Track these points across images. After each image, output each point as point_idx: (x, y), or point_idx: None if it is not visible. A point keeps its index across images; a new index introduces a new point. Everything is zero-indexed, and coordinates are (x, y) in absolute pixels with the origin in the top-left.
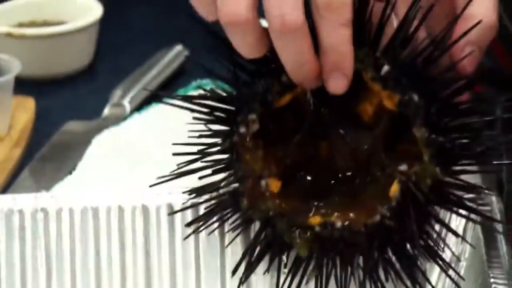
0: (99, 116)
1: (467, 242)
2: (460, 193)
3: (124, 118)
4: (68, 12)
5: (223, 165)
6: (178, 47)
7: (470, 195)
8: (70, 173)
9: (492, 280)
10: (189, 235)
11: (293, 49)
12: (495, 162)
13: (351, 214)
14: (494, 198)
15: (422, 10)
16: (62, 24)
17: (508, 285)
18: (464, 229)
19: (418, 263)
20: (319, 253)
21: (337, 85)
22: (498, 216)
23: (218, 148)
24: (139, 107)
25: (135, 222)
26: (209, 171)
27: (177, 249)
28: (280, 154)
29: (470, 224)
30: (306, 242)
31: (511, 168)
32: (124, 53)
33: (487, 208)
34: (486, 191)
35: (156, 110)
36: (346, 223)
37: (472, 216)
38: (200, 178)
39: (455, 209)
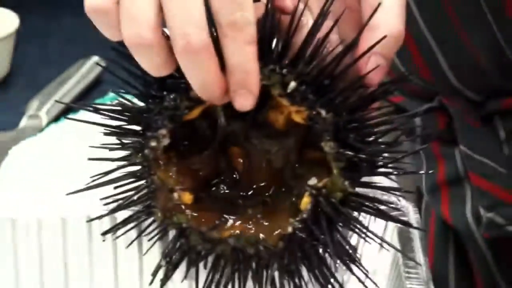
0: (15, 127)
1: (387, 243)
2: (375, 203)
3: (41, 129)
4: None
5: (137, 176)
6: (95, 58)
7: (386, 206)
8: None
9: None
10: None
11: (197, 69)
12: (397, 173)
13: (265, 226)
14: (410, 208)
15: (332, 18)
16: None
17: None
18: (381, 239)
19: (334, 273)
20: (233, 263)
21: (244, 102)
22: (414, 225)
23: (131, 160)
24: (56, 118)
25: (54, 233)
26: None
27: (95, 259)
28: (193, 167)
29: (388, 233)
30: (221, 253)
31: (430, 178)
32: (42, 65)
33: (404, 218)
34: (401, 198)
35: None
36: (260, 236)
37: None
38: (116, 187)
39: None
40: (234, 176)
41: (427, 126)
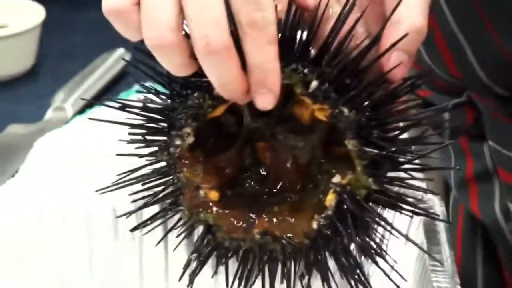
0: (41, 119)
1: (411, 241)
2: (400, 198)
3: (66, 121)
4: (10, 16)
5: (163, 173)
6: (120, 50)
7: (413, 199)
8: (12, 176)
9: (435, 284)
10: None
11: (218, 69)
12: (422, 169)
13: (291, 223)
14: (437, 201)
15: (357, 11)
16: (4, 28)
17: None
18: (407, 233)
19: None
20: (260, 259)
21: (264, 101)
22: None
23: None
24: (81, 110)
25: (79, 226)
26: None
27: (120, 252)
28: (219, 164)
29: (413, 226)
30: (248, 249)
31: (458, 173)
32: (67, 57)
33: (430, 211)
34: (429, 192)
35: (99, 113)
36: (285, 233)
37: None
38: (143, 184)
39: (398, 209)
40: (261, 172)
41: (455, 121)
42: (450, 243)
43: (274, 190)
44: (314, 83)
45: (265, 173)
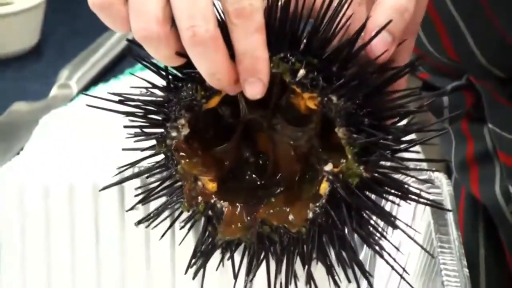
0: (46, 97)
1: (414, 230)
2: (404, 178)
3: (71, 98)
4: None
5: (163, 166)
6: None
7: (421, 177)
8: (18, 154)
9: (442, 266)
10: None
11: (206, 59)
12: (417, 159)
13: (288, 213)
14: (444, 180)
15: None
16: (8, 5)
17: (458, 271)
18: (414, 212)
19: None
20: (259, 248)
21: (254, 90)
22: (448, 200)
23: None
24: (86, 88)
25: (86, 202)
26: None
27: (129, 229)
28: (218, 156)
29: (419, 206)
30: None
31: (459, 156)
32: (71, 34)
33: (437, 190)
34: (434, 171)
35: (104, 90)
36: (283, 224)
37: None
38: (148, 177)
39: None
40: (260, 164)
41: (454, 104)
42: (457, 224)
43: (273, 181)
44: (301, 72)
45: (264, 164)
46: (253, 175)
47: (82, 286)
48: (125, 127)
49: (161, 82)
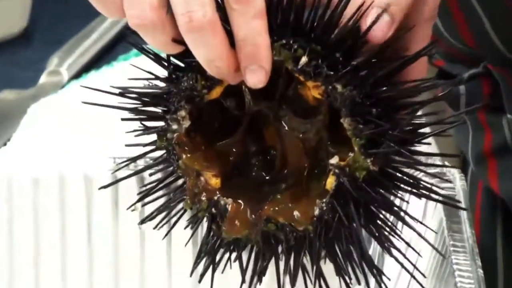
0: (35, 84)
1: (426, 226)
2: (414, 172)
3: (61, 86)
4: None
5: (165, 161)
6: None
7: (432, 170)
8: (5, 144)
9: (455, 267)
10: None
11: (203, 46)
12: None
13: (294, 209)
14: (457, 174)
15: None
16: None
17: (472, 272)
18: (425, 208)
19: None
20: (265, 247)
21: (255, 78)
22: (461, 195)
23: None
24: (77, 75)
25: (77, 193)
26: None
27: (121, 220)
28: (223, 150)
29: (431, 202)
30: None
31: (476, 148)
32: (62, 18)
33: (450, 185)
34: (447, 166)
35: (96, 77)
36: (289, 221)
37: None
38: (151, 174)
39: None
40: (267, 159)
41: (472, 93)
42: (471, 221)
43: (280, 177)
44: (304, 59)
45: (271, 159)
46: (259, 171)
47: (73, 280)
48: (123, 119)
49: (162, 72)
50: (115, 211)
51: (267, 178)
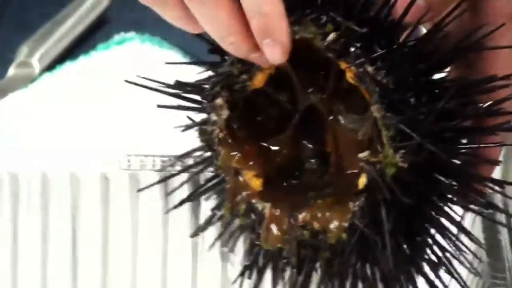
0: (2, 78)
1: (480, 245)
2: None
3: (32, 79)
4: None
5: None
6: None
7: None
8: None
9: None
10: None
11: (211, 20)
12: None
13: (331, 217)
14: None
15: None
16: None
17: None
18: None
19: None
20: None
21: (272, 54)
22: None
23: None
24: (50, 67)
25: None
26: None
27: (112, 218)
28: (269, 148)
29: (467, 220)
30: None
31: None
32: (33, 2)
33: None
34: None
35: (72, 69)
36: (325, 228)
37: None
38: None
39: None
40: (319, 160)
41: None
42: None
43: (331, 181)
44: (332, 35)
45: (323, 160)
46: (311, 173)
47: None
48: (159, 106)
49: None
50: (105, 210)
51: (317, 182)
